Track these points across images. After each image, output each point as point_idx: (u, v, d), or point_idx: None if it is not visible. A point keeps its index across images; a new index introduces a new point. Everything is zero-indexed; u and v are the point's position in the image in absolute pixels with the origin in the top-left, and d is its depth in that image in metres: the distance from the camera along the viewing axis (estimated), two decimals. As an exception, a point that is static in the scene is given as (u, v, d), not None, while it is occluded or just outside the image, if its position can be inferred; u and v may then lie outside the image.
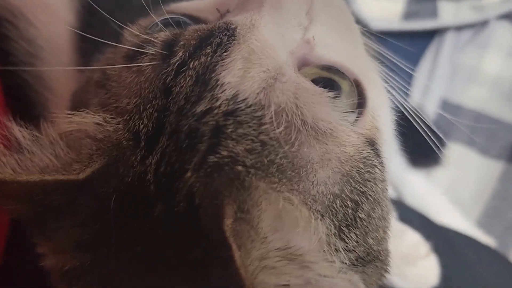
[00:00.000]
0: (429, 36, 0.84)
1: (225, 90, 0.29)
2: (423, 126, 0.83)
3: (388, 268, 0.34)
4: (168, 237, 0.29)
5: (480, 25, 0.83)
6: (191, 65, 0.30)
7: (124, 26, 0.36)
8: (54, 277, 0.32)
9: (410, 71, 0.84)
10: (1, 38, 0.50)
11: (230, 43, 0.30)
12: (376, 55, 0.81)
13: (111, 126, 0.30)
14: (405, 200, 0.73)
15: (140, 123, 0.30)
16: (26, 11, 0.50)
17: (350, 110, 0.32)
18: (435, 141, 0.79)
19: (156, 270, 0.29)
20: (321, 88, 0.31)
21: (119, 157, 0.29)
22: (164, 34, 0.33)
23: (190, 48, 0.31)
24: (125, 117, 0.30)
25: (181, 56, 0.31)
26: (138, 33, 0.34)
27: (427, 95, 0.81)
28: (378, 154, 0.33)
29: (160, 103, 0.30)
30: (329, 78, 0.32)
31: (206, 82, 0.29)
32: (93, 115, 0.31)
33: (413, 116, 0.85)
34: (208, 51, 0.30)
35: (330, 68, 0.33)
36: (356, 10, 0.82)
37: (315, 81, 0.32)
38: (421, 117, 0.83)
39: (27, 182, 0.29)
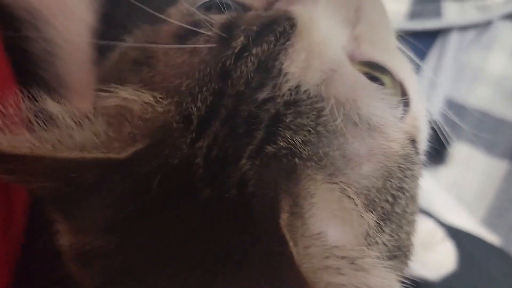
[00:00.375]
0: (433, 36, 0.85)
1: (289, 79, 0.29)
2: (427, 126, 0.83)
3: (409, 261, 0.34)
4: (214, 224, 0.28)
5: (484, 25, 0.83)
6: (253, 51, 0.30)
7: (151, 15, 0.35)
8: (68, 255, 0.32)
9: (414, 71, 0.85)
10: (21, 38, 0.50)
11: (293, 33, 0.30)
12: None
13: (162, 107, 0.30)
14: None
15: (193, 106, 0.29)
16: (45, 12, 0.51)
17: (397, 106, 0.32)
18: (440, 141, 0.79)
19: (196, 259, 0.28)
20: (375, 84, 0.31)
21: (166, 138, 0.29)
22: (222, 17, 0.32)
23: (252, 34, 0.30)
24: (176, 99, 0.29)
25: (242, 40, 0.30)
26: (193, 12, 0.33)
27: (432, 94, 0.81)
28: (417, 152, 0.34)
29: (216, 87, 0.29)
30: (371, 74, 0.33)
31: (269, 70, 0.29)
32: (144, 93, 0.30)
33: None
34: (271, 38, 0.30)
35: (372, 65, 0.33)
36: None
37: None
38: (426, 116, 0.83)
39: (66, 159, 0.27)
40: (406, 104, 0.34)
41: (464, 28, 0.83)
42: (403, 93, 0.34)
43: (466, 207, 0.74)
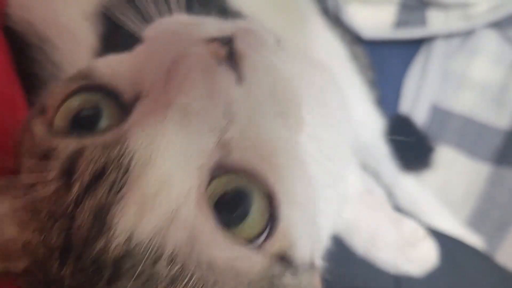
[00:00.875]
0: (419, 43, 0.87)
1: (118, 235, 0.29)
2: (413, 131, 0.86)
3: None
4: None
5: (468, 33, 0.85)
6: (86, 204, 0.30)
7: None
8: None
9: (400, 78, 0.87)
10: (30, 61, 0.54)
11: (125, 182, 0.30)
12: (367, 64, 0.83)
13: (26, 236, 0.32)
14: (398, 203, 0.75)
15: (51, 238, 0.30)
16: (52, 37, 0.54)
17: (258, 233, 0.32)
18: (425, 146, 0.82)
19: None
20: (219, 226, 0.31)
21: (39, 261, 0.31)
22: (72, 145, 0.32)
23: (85, 183, 0.30)
24: (39, 225, 0.31)
25: (77, 190, 0.30)
26: (46, 137, 0.33)
27: (417, 100, 0.83)
28: (289, 265, 0.33)
29: (66, 225, 0.30)
30: (241, 190, 0.32)
31: (102, 222, 0.30)
32: (11, 218, 0.32)
33: (403, 122, 0.88)
34: (103, 190, 0.30)
35: (245, 174, 0.32)
36: (347, 19, 0.84)
37: (226, 195, 0.32)
38: (412, 122, 0.86)
39: None
40: (274, 221, 0.32)
41: (449, 35, 0.86)
42: (274, 209, 0.32)
43: (451, 209, 0.76)
